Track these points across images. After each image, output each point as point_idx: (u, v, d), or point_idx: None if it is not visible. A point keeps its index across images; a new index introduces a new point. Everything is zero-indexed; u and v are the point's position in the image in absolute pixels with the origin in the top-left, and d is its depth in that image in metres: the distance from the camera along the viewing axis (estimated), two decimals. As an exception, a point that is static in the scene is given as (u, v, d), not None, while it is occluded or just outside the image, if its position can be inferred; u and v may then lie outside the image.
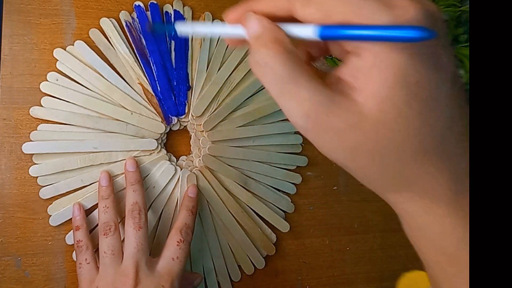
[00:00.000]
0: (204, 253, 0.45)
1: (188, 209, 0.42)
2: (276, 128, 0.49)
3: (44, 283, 0.42)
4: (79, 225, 0.41)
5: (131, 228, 0.38)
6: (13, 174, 0.42)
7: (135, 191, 0.41)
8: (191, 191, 0.44)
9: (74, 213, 0.41)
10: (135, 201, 0.40)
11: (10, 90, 0.42)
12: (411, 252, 0.57)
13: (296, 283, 0.50)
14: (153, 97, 0.45)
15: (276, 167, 0.49)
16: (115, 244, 0.38)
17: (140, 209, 0.39)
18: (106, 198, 0.41)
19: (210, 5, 0.49)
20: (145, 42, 0.45)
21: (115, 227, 0.39)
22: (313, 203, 0.51)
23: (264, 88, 0.49)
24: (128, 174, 0.42)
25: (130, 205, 0.40)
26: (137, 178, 0.42)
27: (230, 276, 0.46)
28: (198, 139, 0.47)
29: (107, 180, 0.42)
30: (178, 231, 0.40)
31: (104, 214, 0.40)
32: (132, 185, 0.41)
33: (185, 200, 0.43)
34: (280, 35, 0.20)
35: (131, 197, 0.40)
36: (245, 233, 0.47)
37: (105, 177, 0.42)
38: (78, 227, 0.41)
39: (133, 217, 0.39)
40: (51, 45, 0.43)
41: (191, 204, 0.42)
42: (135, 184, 0.41)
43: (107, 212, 0.40)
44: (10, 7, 0.43)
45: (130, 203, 0.40)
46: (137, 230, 0.38)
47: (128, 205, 0.40)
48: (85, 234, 0.40)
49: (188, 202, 0.43)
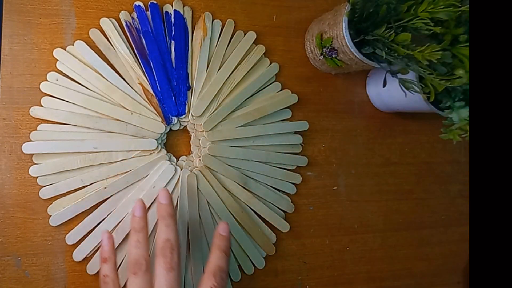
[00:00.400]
0: (204, 253, 0.45)
1: (221, 250, 0.37)
2: (276, 128, 0.49)
3: (44, 283, 0.42)
4: (107, 258, 0.37)
5: (161, 268, 0.34)
6: (13, 174, 0.42)
7: (168, 227, 0.36)
8: (224, 229, 0.39)
9: (103, 243, 0.38)
10: (168, 238, 0.36)
11: (10, 90, 0.42)
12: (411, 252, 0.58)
13: (296, 283, 0.50)
14: (153, 97, 0.45)
15: (276, 167, 0.49)
16: (145, 286, 0.34)
17: (173, 247, 0.35)
18: (139, 232, 0.36)
19: (210, 5, 0.49)
20: (145, 42, 0.45)
21: (146, 267, 0.35)
22: (313, 203, 0.51)
23: (265, 88, 0.50)
24: (160, 207, 0.38)
25: (162, 242, 0.35)
26: (170, 212, 0.37)
27: (230, 276, 0.46)
28: (198, 139, 0.47)
29: (142, 211, 0.38)
30: (212, 275, 0.35)
31: (135, 250, 0.36)
32: (164, 219, 0.37)
33: (217, 239, 0.38)
34: None
35: (164, 233, 0.36)
36: (245, 233, 0.47)
37: (140, 206, 0.38)
38: (105, 260, 0.37)
39: (164, 256, 0.35)
40: (51, 45, 0.43)
41: (223, 244, 0.38)
42: (167, 218, 0.37)
43: (139, 247, 0.36)
44: (10, 7, 0.43)
45: (162, 240, 0.36)
46: (168, 271, 0.34)
47: (159, 241, 0.36)
48: (113, 269, 0.37)
49: (221, 242, 0.38)
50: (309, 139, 0.51)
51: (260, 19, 0.51)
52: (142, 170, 0.44)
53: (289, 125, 0.50)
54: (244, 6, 0.51)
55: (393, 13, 0.40)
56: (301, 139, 0.50)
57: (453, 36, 0.41)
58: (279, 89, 0.50)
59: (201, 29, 0.47)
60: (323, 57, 0.48)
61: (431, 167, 0.57)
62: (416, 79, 0.45)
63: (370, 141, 0.54)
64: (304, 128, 0.50)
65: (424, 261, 0.56)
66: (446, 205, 0.57)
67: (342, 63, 0.46)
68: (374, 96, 0.54)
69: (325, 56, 0.47)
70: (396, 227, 0.55)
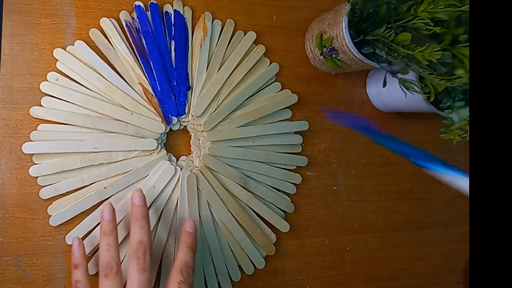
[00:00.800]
0: (204, 253, 0.45)
1: (187, 246, 0.38)
2: (276, 128, 0.49)
3: (44, 283, 0.42)
4: (78, 264, 0.38)
5: (134, 270, 0.35)
6: (13, 174, 0.42)
7: (141, 228, 0.37)
8: (190, 226, 0.40)
9: (74, 249, 0.39)
10: (141, 239, 0.37)
11: (10, 90, 0.42)
12: (411, 252, 0.58)
13: (296, 283, 0.50)
14: (153, 97, 0.45)
15: (276, 167, 0.49)
16: (115, 287, 0.35)
17: (146, 249, 0.36)
18: (109, 235, 0.37)
19: (210, 5, 0.49)
20: (145, 42, 0.45)
21: (117, 269, 0.36)
22: (313, 203, 0.51)
23: (265, 88, 0.50)
24: (134, 208, 0.38)
25: (135, 244, 0.36)
26: (143, 214, 0.38)
27: (230, 276, 0.46)
28: (198, 139, 0.47)
29: (110, 214, 0.38)
30: (179, 271, 0.36)
31: (106, 253, 0.36)
32: (138, 220, 0.38)
33: (184, 235, 0.39)
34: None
35: (137, 235, 0.37)
36: (245, 233, 0.47)
37: (108, 210, 0.39)
38: (76, 265, 0.38)
39: (137, 258, 0.36)
40: (51, 45, 0.43)
41: (190, 240, 0.39)
42: (141, 220, 0.38)
43: (109, 251, 0.36)
44: (10, 7, 0.43)
45: (135, 242, 0.36)
46: (141, 272, 0.35)
47: (132, 243, 0.37)
48: (84, 274, 0.38)
49: (187, 238, 0.39)
50: (309, 139, 0.51)
51: (260, 19, 0.51)
52: (142, 170, 0.44)
53: (289, 125, 0.50)
54: (244, 6, 0.50)
55: (393, 13, 0.40)
56: (301, 139, 0.50)
57: (453, 36, 0.41)
58: (279, 89, 0.50)
59: (201, 29, 0.47)
60: (323, 57, 0.48)
61: (431, 167, 0.57)
62: (416, 79, 0.45)
63: (370, 141, 0.54)
64: (304, 128, 0.50)
65: (424, 261, 0.56)
66: (446, 205, 0.57)
67: (342, 63, 0.46)
68: (374, 96, 0.54)
69: (325, 56, 0.47)
70: (396, 227, 0.55)
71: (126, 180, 0.44)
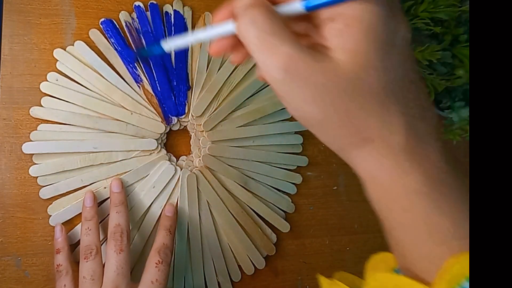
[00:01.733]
0: (204, 253, 0.45)
1: (166, 229, 0.41)
2: (276, 128, 0.49)
3: (44, 283, 0.42)
4: (60, 248, 0.40)
5: (112, 251, 0.37)
6: (13, 174, 0.42)
7: (119, 213, 0.40)
8: (168, 210, 0.43)
9: (56, 235, 0.41)
10: (118, 223, 0.39)
11: (10, 90, 0.42)
12: (411, 252, 0.56)
13: (296, 283, 0.50)
14: (153, 97, 0.45)
15: (276, 167, 0.49)
16: (95, 268, 0.37)
17: (123, 231, 0.38)
18: (89, 220, 0.40)
19: (210, 5, 0.49)
20: (145, 42, 0.45)
21: (97, 251, 0.38)
22: (313, 203, 0.51)
23: (265, 88, 0.50)
24: (112, 196, 0.41)
25: (113, 227, 0.39)
26: (121, 200, 0.41)
27: (230, 276, 0.46)
28: (198, 139, 0.47)
29: (91, 201, 0.41)
30: (157, 252, 0.38)
31: (86, 237, 0.39)
32: (116, 206, 0.40)
33: (163, 219, 0.42)
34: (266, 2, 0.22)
35: (114, 219, 0.39)
36: (245, 233, 0.47)
37: (90, 197, 0.41)
38: (58, 250, 0.40)
39: (115, 240, 0.38)
40: (51, 45, 0.43)
41: (168, 224, 0.42)
42: (119, 205, 0.40)
43: (89, 234, 0.39)
44: (10, 7, 0.43)
45: (113, 225, 0.39)
46: (118, 253, 0.37)
47: (110, 227, 0.39)
48: (66, 258, 0.39)
49: (166, 222, 0.42)
50: (309, 139, 0.51)
51: (260, 19, 0.51)
52: (142, 170, 0.44)
53: (289, 125, 0.50)
54: (244, 6, 0.50)
55: (393, 13, 0.40)
56: (301, 139, 0.50)
57: (453, 36, 0.41)
58: (279, 89, 0.50)
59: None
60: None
61: (431, 167, 0.57)
62: (416, 79, 0.45)
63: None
64: (304, 128, 0.50)
65: (424, 261, 0.56)
66: (446, 205, 0.57)
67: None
68: (374, 96, 0.54)
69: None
70: (396, 227, 0.54)
71: (126, 180, 0.44)
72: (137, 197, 0.44)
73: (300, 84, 0.21)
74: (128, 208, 0.42)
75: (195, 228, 0.45)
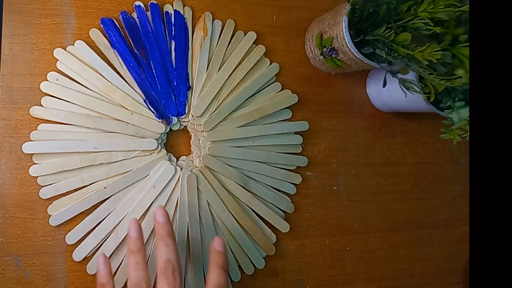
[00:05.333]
0: (204, 253, 0.45)
1: (219, 266, 0.37)
2: (276, 128, 0.49)
3: (44, 283, 0.42)
4: (104, 283, 0.36)
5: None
6: (13, 174, 0.42)
7: (168, 246, 0.36)
8: (219, 245, 0.38)
9: (99, 267, 0.36)
10: (169, 258, 0.35)
11: (10, 90, 0.42)
12: (411, 252, 0.58)
13: (296, 283, 0.50)
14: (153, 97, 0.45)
15: (276, 167, 0.49)
16: None
17: (175, 268, 0.35)
18: (137, 253, 0.36)
19: (210, 5, 0.49)
20: (145, 42, 0.45)
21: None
22: (313, 203, 0.51)
23: (265, 88, 0.50)
24: (158, 226, 0.37)
25: (163, 263, 0.35)
26: (168, 231, 0.37)
27: (230, 276, 0.46)
28: (198, 139, 0.47)
29: (138, 231, 0.37)
30: None
31: (135, 272, 0.35)
32: (163, 238, 0.36)
33: (214, 255, 0.37)
34: None
35: (164, 253, 0.35)
36: (245, 233, 0.47)
37: (135, 227, 0.37)
38: (103, 285, 0.36)
39: (166, 278, 0.34)
40: (51, 45, 0.43)
41: (221, 260, 0.37)
42: (166, 238, 0.36)
43: (138, 270, 0.35)
44: (10, 7, 0.43)
45: (163, 260, 0.35)
46: None
47: (160, 262, 0.35)
48: None
49: (218, 258, 0.37)
50: (309, 139, 0.51)
51: (260, 19, 0.51)
52: (142, 170, 0.44)
53: (289, 125, 0.50)
54: (244, 6, 0.51)
55: (393, 13, 0.40)
56: (301, 139, 0.50)
57: (453, 36, 0.41)
58: (279, 89, 0.50)
59: (201, 29, 0.47)
60: (323, 57, 0.48)
61: (431, 167, 0.57)
62: (416, 79, 0.45)
63: (370, 141, 0.54)
64: (304, 128, 0.50)
65: (424, 261, 0.56)
66: (446, 205, 0.57)
67: (342, 63, 0.46)
68: (374, 96, 0.54)
69: (325, 56, 0.47)
70: (396, 227, 0.55)
71: (126, 180, 0.44)
72: (137, 197, 0.44)
73: None
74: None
75: (195, 228, 0.45)
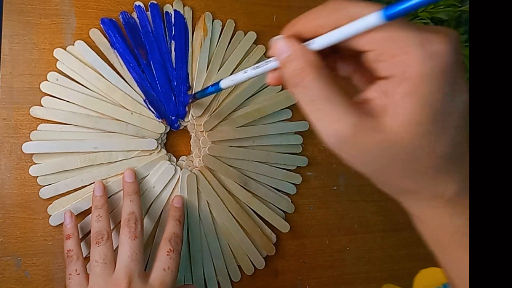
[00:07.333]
0: (204, 253, 0.45)
1: (175, 219, 0.42)
2: (276, 128, 0.49)
3: (44, 283, 0.42)
4: (70, 234, 0.40)
5: (126, 237, 0.37)
6: (13, 174, 0.42)
7: (132, 201, 0.40)
8: (177, 201, 0.44)
9: (65, 221, 0.41)
10: (132, 210, 0.39)
11: (10, 90, 0.42)
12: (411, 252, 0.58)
13: (296, 283, 0.50)
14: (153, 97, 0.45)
15: (276, 167, 0.49)
16: (107, 252, 0.37)
17: (137, 218, 0.39)
18: (100, 208, 0.40)
19: (210, 5, 0.49)
20: (145, 42, 0.45)
21: (108, 236, 0.38)
22: (313, 203, 0.51)
23: (265, 88, 0.50)
24: (125, 185, 0.42)
25: (127, 215, 0.39)
26: (134, 189, 0.41)
27: (230, 276, 0.46)
28: (198, 139, 0.47)
29: (101, 190, 0.41)
30: (168, 241, 0.39)
31: (96, 223, 0.39)
32: (129, 195, 0.41)
33: (172, 210, 0.43)
34: (311, 55, 0.22)
35: (128, 207, 0.40)
36: (245, 233, 0.47)
37: (100, 187, 0.42)
38: (69, 236, 0.40)
39: (129, 226, 0.38)
40: (51, 45, 0.43)
41: (177, 214, 0.42)
42: (132, 194, 0.41)
43: (100, 221, 0.39)
44: (10, 7, 0.43)
45: (127, 213, 0.39)
46: (132, 239, 0.37)
47: (124, 214, 0.39)
48: (76, 243, 0.40)
49: (175, 212, 0.43)
50: (309, 139, 0.51)
51: (260, 19, 0.51)
52: (142, 170, 0.44)
53: (289, 125, 0.50)
54: (244, 6, 0.50)
55: (393, 13, 0.40)
56: (301, 139, 0.50)
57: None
58: (279, 89, 0.50)
59: (201, 29, 0.47)
60: (323, 57, 0.48)
61: (431, 167, 0.57)
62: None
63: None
64: (304, 128, 0.50)
65: (424, 261, 0.56)
66: (446, 205, 0.57)
67: (342, 63, 0.46)
68: (374, 96, 0.54)
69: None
70: (396, 227, 0.54)
71: (126, 180, 0.43)
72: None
73: (352, 149, 0.22)
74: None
75: (195, 228, 0.45)
